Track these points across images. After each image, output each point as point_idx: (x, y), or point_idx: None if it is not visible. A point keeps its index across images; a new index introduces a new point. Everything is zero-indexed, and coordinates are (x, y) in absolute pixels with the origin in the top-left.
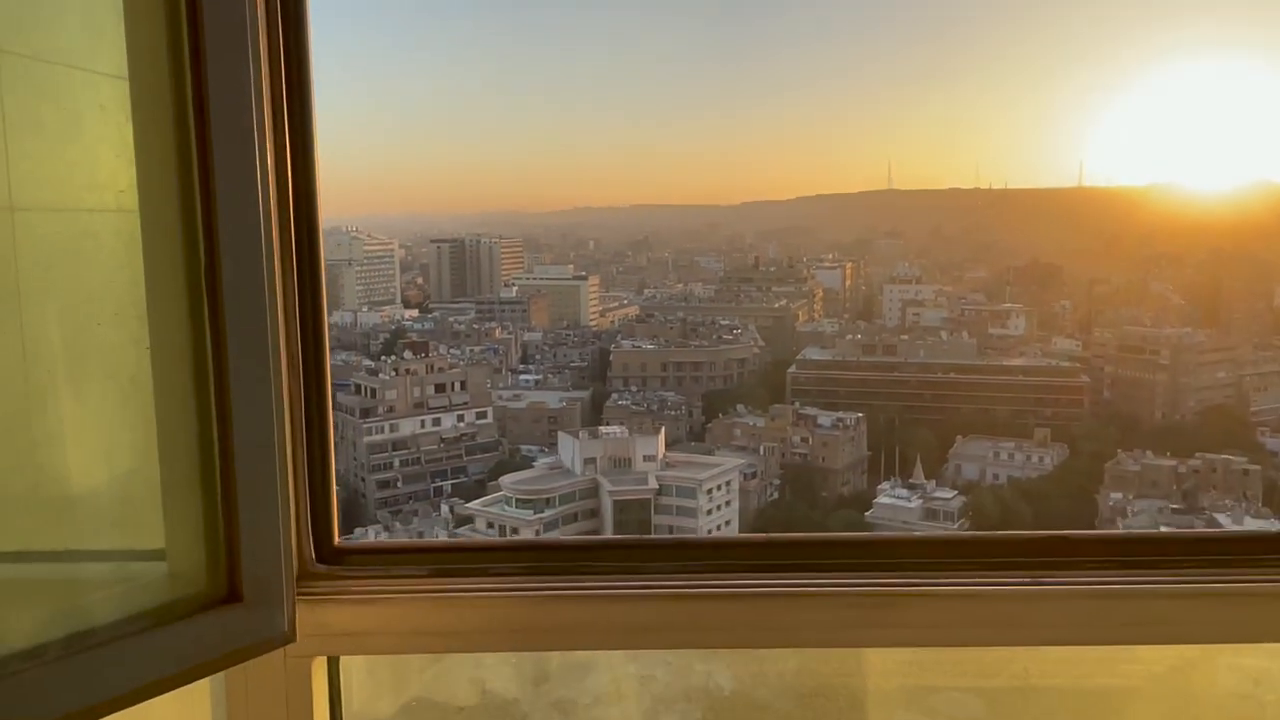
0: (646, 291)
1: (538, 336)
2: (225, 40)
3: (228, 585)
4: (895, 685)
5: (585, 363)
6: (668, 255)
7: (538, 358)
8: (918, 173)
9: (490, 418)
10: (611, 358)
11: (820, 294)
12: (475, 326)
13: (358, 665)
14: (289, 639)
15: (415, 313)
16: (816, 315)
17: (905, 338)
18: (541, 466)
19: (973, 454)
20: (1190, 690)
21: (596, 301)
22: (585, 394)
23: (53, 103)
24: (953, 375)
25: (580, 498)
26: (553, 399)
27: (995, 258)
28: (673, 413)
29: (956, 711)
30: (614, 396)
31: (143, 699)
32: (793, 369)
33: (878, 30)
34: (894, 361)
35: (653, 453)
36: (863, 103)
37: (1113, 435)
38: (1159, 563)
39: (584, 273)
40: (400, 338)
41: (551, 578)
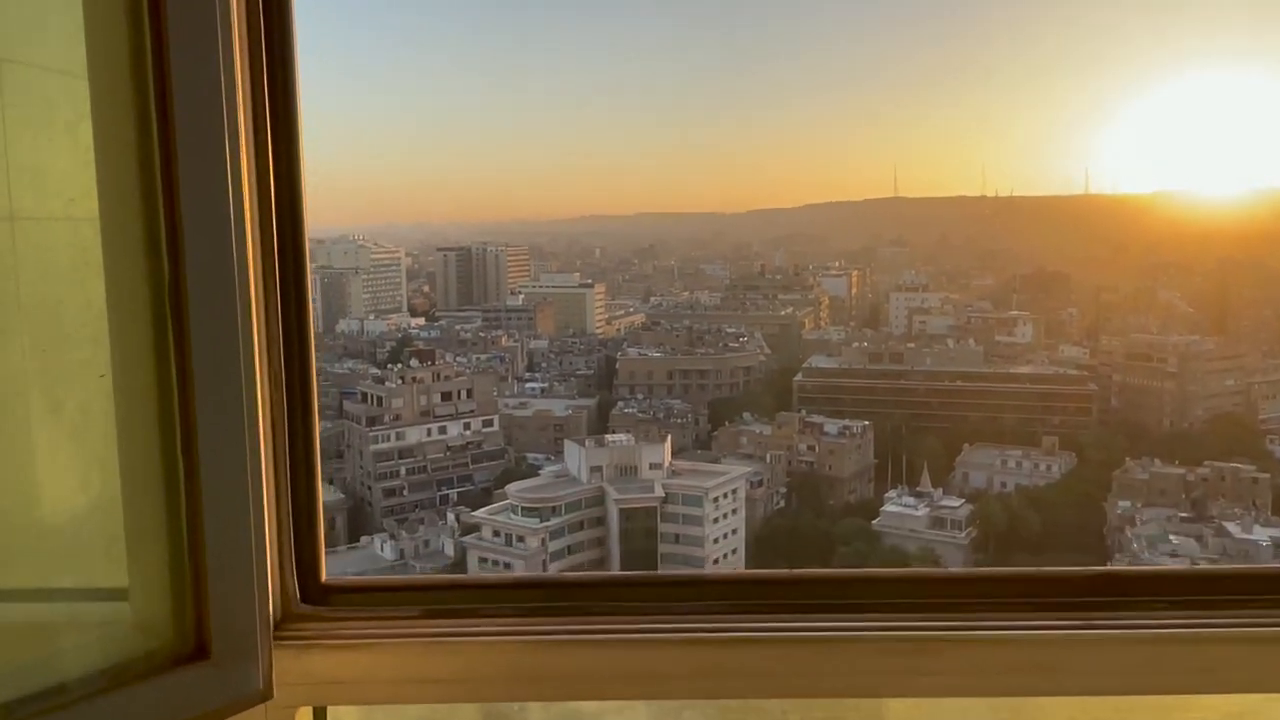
0: (653, 299)
1: (544, 344)
2: (191, 35)
3: (195, 638)
4: None
5: (591, 370)
6: (674, 263)
7: (544, 366)
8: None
9: (496, 426)
10: (618, 365)
11: (826, 302)
12: (482, 334)
13: (346, 717)
14: (265, 696)
15: (422, 321)
16: (823, 323)
17: (912, 345)
18: (548, 475)
19: (980, 462)
20: None
21: (603, 309)
22: (591, 402)
23: None
24: (959, 383)
25: (586, 506)
26: (559, 407)
27: (1002, 265)
28: (679, 420)
29: None
30: (620, 404)
31: None
32: (799, 377)
33: (883, 39)
34: (900, 369)
35: (659, 461)
36: (869, 110)
37: (1121, 443)
38: (1217, 603)
39: (590, 280)
40: (407, 346)
41: (558, 619)
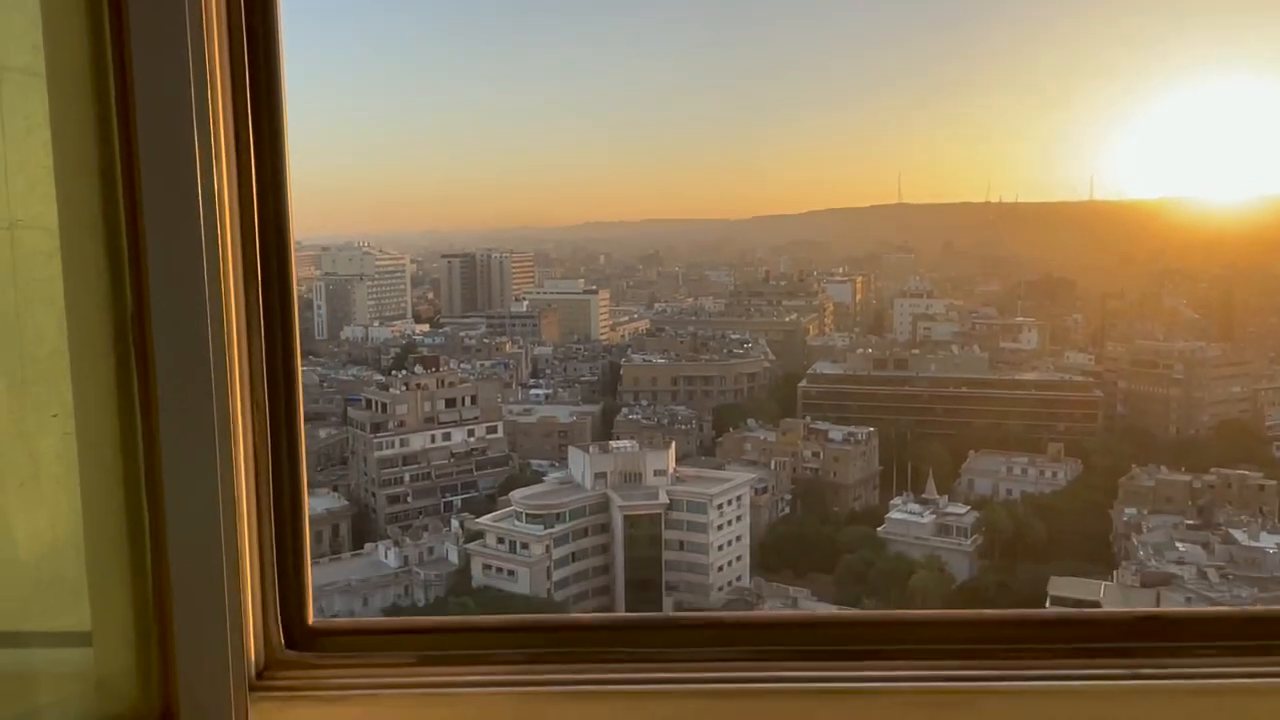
0: (657, 305)
1: (548, 351)
2: (156, 35)
3: (162, 697)
4: None
5: (595, 377)
6: (678, 269)
7: (548, 372)
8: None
9: (500, 432)
10: (622, 372)
11: (831, 308)
12: (486, 341)
13: None
14: None
15: (426, 327)
16: (827, 329)
17: (916, 352)
18: (552, 481)
19: (985, 469)
20: None
21: (607, 316)
22: (596, 408)
23: None
24: (964, 389)
25: (590, 513)
26: (563, 413)
27: (1007, 272)
28: (683, 427)
29: None
30: (624, 411)
31: None
32: (803, 383)
33: (887, 46)
34: (905, 376)
35: (663, 467)
36: (873, 117)
37: (1127, 450)
38: (1275, 648)
39: (594, 287)
40: (411, 352)
41: (561, 666)
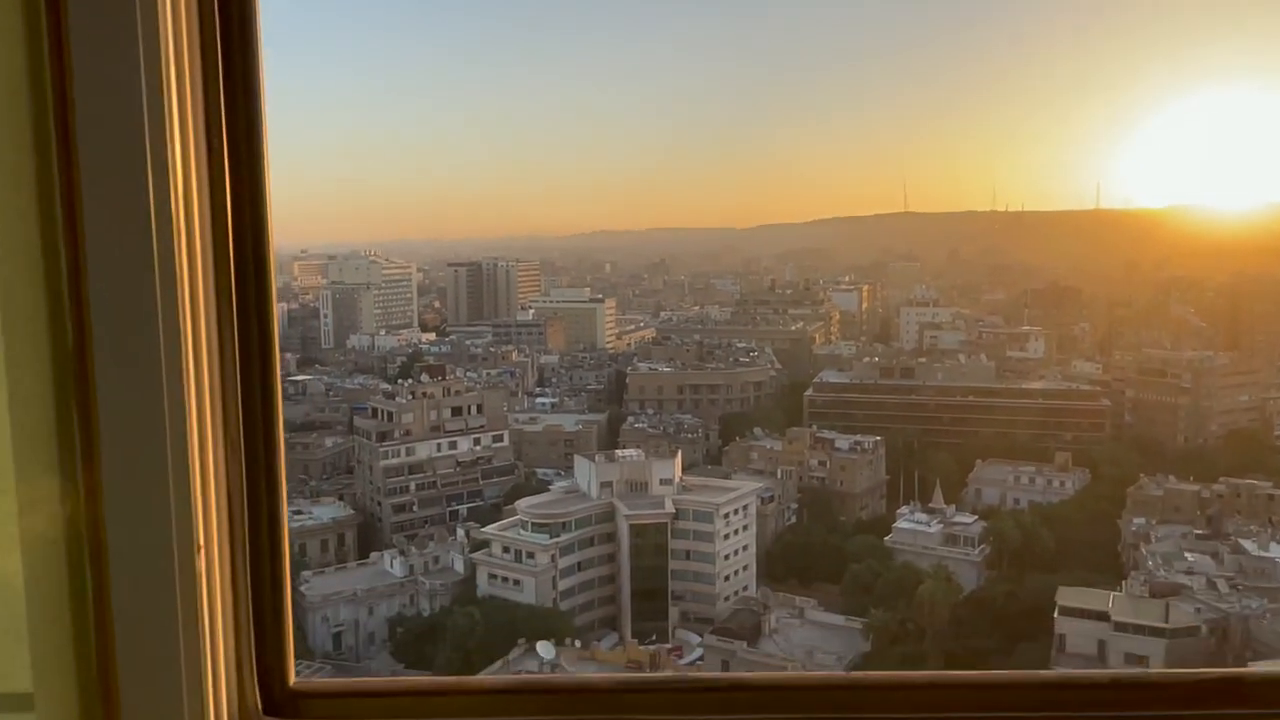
0: (663, 314)
1: (554, 359)
2: (101, 37)
3: None
4: None
5: (602, 385)
6: (684, 278)
7: (554, 381)
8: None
9: (506, 441)
10: (628, 380)
11: (837, 316)
12: (492, 349)
13: None
14: None
15: (432, 336)
16: (833, 338)
17: (923, 360)
18: (558, 490)
19: (992, 478)
20: None
21: (613, 324)
22: (602, 417)
23: None
24: (971, 398)
25: (596, 522)
26: (569, 422)
27: (1013, 280)
28: (689, 436)
29: None
30: (630, 419)
31: None
32: (810, 392)
33: (892, 54)
34: (912, 384)
35: (669, 476)
36: (878, 125)
37: (1135, 459)
38: None
39: (601, 295)
40: (417, 361)
41: None
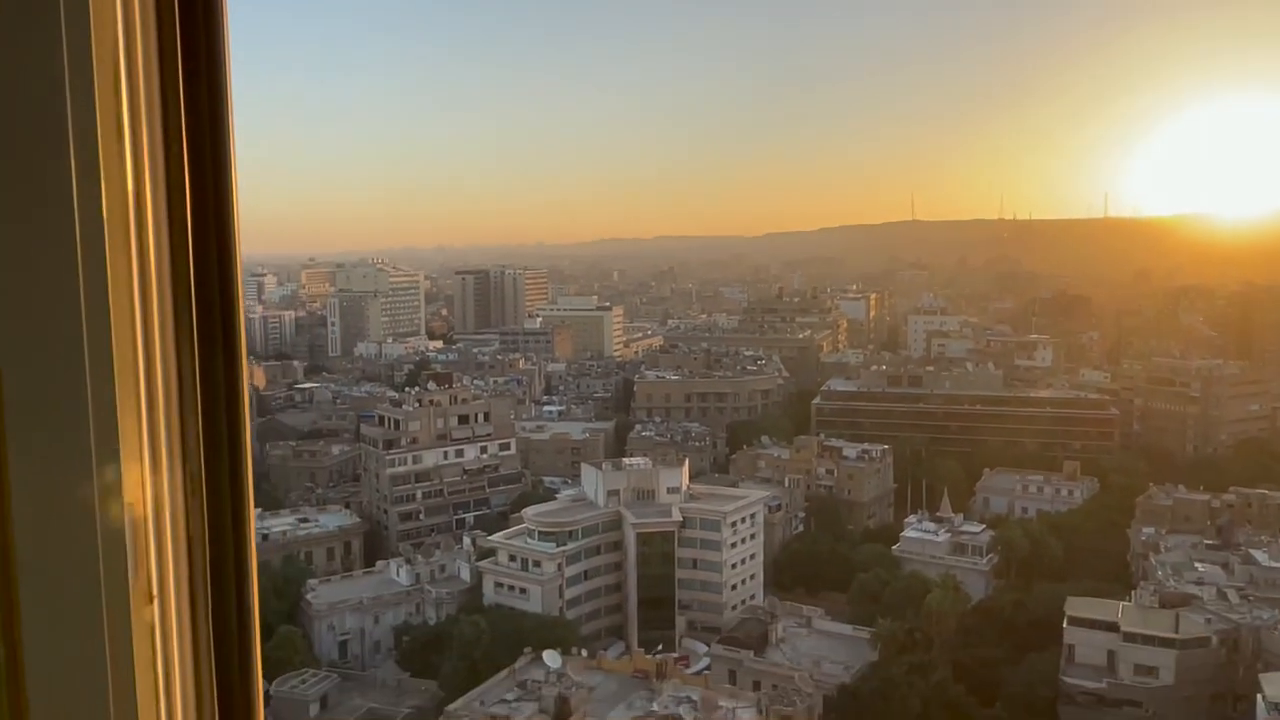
0: (671, 322)
1: (561, 367)
2: (14, 25)
3: None
4: None
5: (609, 393)
6: (692, 286)
7: (561, 389)
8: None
9: (513, 449)
10: (635, 388)
11: (844, 325)
12: (499, 357)
13: None
14: None
15: (440, 344)
16: (841, 346)
17: (931, 369)
18: (564, 499)
19: (1000, 487)
20: None
21: (621, 332)
22: (609, 425)
23: None
24: (979, 407)
25: (603, 530)
26: (576, 430)
27: (1021, 289)
28: (697, 444)
29: None
30: (638, 427)
31: None
32: (817, 400)
33: (901, 64)
34: (919, 393)
35: (676, 484)
36: (887, 134)
37: (1143, 468)
38: None
39: (608, 303)
40: (424, 369)
41: None
